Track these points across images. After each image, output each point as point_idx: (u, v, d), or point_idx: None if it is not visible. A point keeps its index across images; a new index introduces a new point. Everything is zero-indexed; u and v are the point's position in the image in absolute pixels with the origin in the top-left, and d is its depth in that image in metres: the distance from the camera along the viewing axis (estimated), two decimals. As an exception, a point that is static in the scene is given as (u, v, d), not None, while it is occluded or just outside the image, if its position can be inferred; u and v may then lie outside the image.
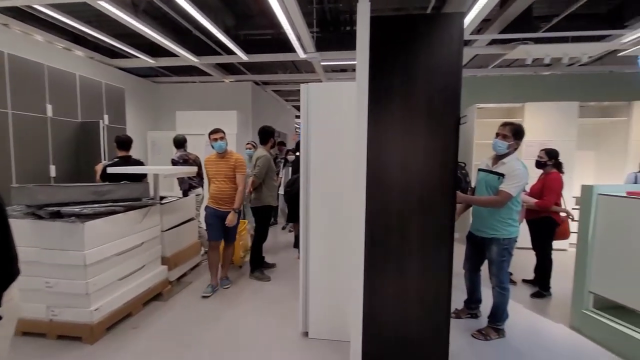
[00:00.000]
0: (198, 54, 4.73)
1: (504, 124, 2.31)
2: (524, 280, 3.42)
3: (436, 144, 1.75)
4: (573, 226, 2.93)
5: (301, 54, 4.35)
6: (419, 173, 1.77)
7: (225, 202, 3.04)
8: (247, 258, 3.77)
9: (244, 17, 4.26)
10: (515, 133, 2.26)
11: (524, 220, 3.09)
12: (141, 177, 3.17)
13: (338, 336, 2.31)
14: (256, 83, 6.74)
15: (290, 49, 4.30)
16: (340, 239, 2.28)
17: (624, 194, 2.27)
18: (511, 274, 3.04)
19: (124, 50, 4.63)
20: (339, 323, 2.32)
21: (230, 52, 4.53)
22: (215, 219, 3.04)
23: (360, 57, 1.69)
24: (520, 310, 2.83)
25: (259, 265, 3.50)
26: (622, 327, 2.23)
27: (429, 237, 1.80)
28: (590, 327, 2.44)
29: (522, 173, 2.20)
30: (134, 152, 3.32)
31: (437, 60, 1.71)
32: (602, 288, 2.38)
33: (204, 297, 3.00)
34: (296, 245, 4.26)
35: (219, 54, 4.75)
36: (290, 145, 7.72)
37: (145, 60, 4.85)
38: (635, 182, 3.29)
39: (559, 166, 3.06)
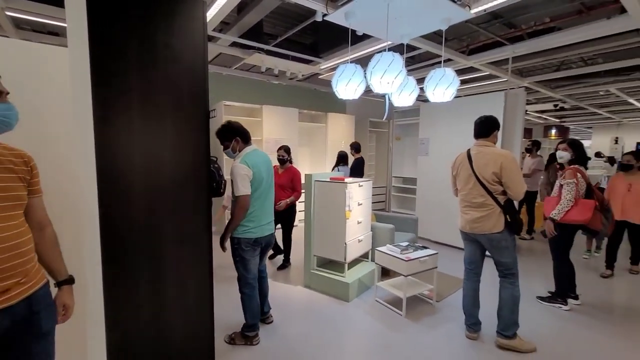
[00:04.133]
0: None
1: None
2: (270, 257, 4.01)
3: (185, 138, 1.63)
4: (300, 205, 3.74)
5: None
6: (169, 169, 1.58)
7: None
8: None
9: None
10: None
11: None
12: None
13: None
14: None
15: None
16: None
17: (329, 180, 3.12)
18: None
19: None
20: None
21: None
22: None
23: (74, 21, 1.26)
24: (272, 284, 3.28)
25: None
26: (330, 275, 3.10)
27: (186, 237, 1.67)
28: (316, 282, 3.21)
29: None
30: None
31: (181, 45, 1.57)
32: (320, 250, 3.18)
33: None
34: None
35: None
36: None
37: None
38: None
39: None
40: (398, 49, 3.23)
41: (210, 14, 3.07)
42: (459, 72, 5.24)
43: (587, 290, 3.22)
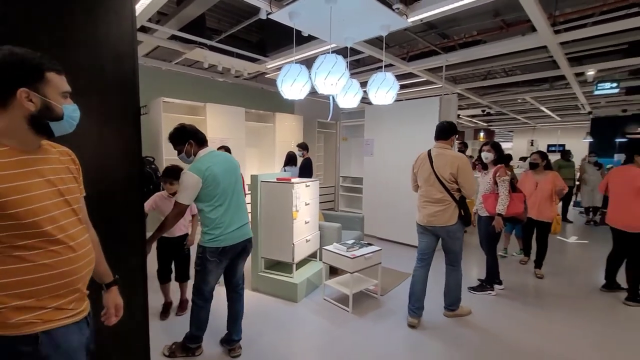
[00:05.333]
0: None
1: None
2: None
3: (112, 137, 1.48)
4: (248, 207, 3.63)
5: None
6: (95, 170, 1.43)
7: None
8: None
9: None
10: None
11: None
12: None
13: None
14: None
15: None
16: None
17: (275, 180, 3.08)
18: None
19: None
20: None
21: None
22: None
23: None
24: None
25: None
26: (278, 276, 3.07)
27: (116, 245, 1.52)
28: (264, 284, 3.14)
29: None
30: None
31: (106, 32, 1.43)
32: (268, 252, 3.13)
33: None
34: None
35: None
36: None
37: None
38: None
39: None
40: (343, 52, 3.31)
41: (144, 2, 2.85)
42: (400, 77, 5.55)
43: (508, 277, 3.63)
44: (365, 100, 4.63)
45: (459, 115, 10.00)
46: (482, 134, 13.35)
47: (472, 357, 2.26)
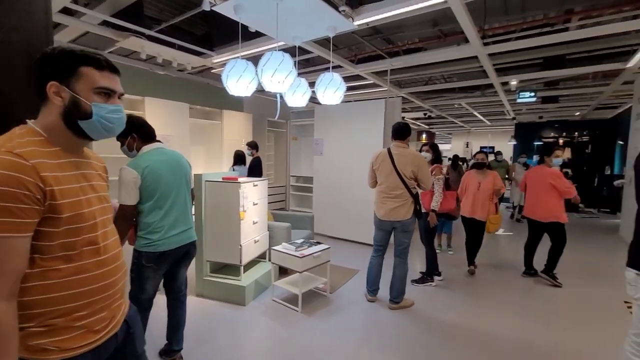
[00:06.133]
0: None
1: None
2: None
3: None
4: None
5: None
6: None
7: None
8: None
9: None
10: None
11: None
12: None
13: None
14: None
15: None
16: None
17: (221, 180, 2.96)
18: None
19: None
20: None
21: None
22: None
23: None
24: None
25: None
26: (225, 280, 2.95)
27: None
28: (209, 289, 3.00)
29: None
30: None
31: (9, 9, 1.24)
32: (213, 254, 2.99)
33: None
34: None
35: None
36: None
37: None
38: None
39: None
40: (292, 50, 3.29)
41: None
42: (349, 78, 5.69)
43: (447, 270, 3.92)
44: (314, 100, 4.67)
45: (403, 117, 10.56)
46: (424, 136, 14.26)
47: (415, 345, 2.39)
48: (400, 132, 2.87)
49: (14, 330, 0.72)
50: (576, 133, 9.91)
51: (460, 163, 3.73)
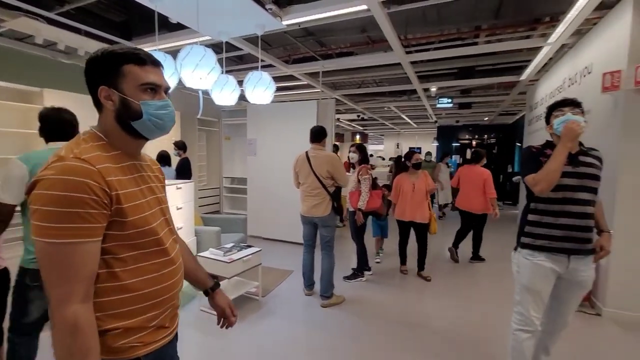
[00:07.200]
0: None
1: None
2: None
3: None
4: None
5: None
6: None
7: None
8: None
9: None
10: None
11: None
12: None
13: None
14: None
15: None
16: None
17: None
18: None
19: None
20: None
21: None
22: None
23: None
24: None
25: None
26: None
27: None
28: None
29: None
30: None
31: None
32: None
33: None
34: None
35: None
36: None
37: None
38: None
39: None
40: (226, 46, 3.14)
41: None
42: (285, 78, 5.65)
43: (376, 265, 4.14)
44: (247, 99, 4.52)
45: (338, 119, 10.88)
46: (358, 137, 14.89)
47: (348, 340, 2.45)
48: (316, 135, 3.03)
49: (94, 330, 0.73)
50: (485, 135, 11.29)
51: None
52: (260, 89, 2.82)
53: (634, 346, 2.40)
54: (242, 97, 3.30)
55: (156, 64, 0.86)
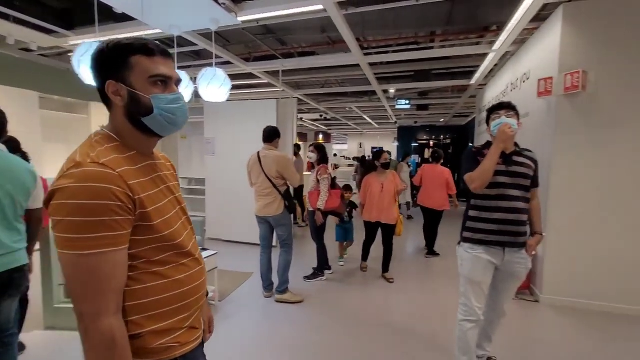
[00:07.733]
0: None
1: None
2: None
3: None
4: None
5: None
6: None
7: None
8: None
9: None
10: None
11: None
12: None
13: None
14: None
15: None
16: None
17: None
18: None
19: None
20: None
21: None
22: None
23: None
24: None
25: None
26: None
27: None
28: (63, 319, 2.47)
29: None
30: None
31: None
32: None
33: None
34: None
35: None
36: None
37: None
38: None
39: None
40: (179, 40, 2.98)
41: None
42: (245, 76, 5.52)
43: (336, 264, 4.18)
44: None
45: (301, 118, 10.86)
46: (321, 137, 14.99)
47: (307, 341, 2.44)
48: (268, 135, 3.04)
49: (127, 342, 0.72)
50: (442, 136, 11.87)
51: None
52: (215, 85, 2.72)
53: (568, 329, 2.64)
54: (197, 95, 3.18)
55: (166, 54, 0.80)
